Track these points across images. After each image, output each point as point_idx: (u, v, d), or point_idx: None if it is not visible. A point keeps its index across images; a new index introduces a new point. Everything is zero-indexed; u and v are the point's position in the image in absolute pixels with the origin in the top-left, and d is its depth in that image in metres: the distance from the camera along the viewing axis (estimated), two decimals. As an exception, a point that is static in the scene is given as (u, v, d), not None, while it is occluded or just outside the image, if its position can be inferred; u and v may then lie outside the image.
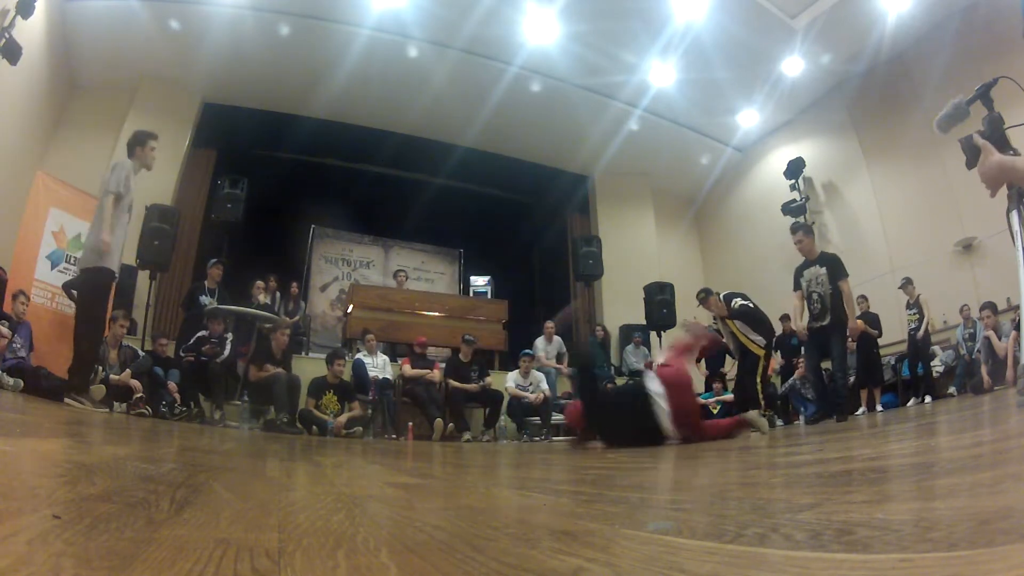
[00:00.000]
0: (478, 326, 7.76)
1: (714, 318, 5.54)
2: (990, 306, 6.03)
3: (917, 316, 6.80)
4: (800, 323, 5.51)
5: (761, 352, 5.12)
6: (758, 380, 5.14)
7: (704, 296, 5.40)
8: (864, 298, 7.09)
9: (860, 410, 6.28)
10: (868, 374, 6.70)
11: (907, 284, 6.97)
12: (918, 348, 6.75)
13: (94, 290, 4.24)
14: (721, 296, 5.29)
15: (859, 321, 5.20)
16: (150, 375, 5.37)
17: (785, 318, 7.79)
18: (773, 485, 1.33)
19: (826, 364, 5.51)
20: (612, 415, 3.87)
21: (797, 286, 5.48)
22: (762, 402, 5.46)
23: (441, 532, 0.77)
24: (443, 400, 6.41)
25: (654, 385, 3.68)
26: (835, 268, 5.21)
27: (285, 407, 5.54)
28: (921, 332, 6.71)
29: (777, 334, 7.72)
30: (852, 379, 6.37)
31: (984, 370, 5.95)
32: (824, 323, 5.20)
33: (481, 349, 7.40)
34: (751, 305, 5.20)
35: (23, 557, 0.49)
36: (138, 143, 4.34)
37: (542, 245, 11.71)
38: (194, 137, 8.83)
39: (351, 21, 7.82)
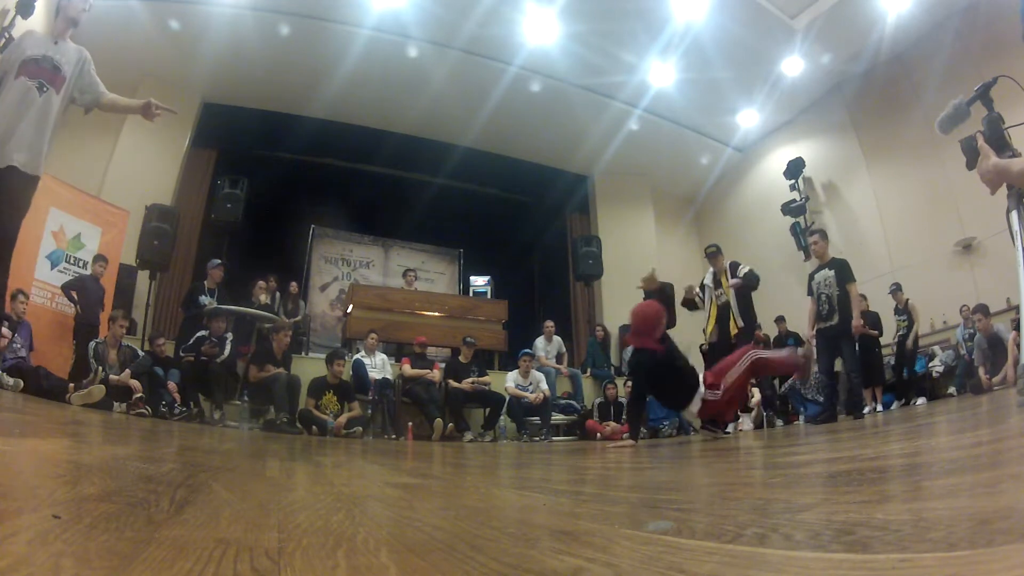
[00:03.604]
0: (478, 326, 7.76)
1: (705, 283, 5.76)
2: (982, 309, 6.02)
3: (906, 322, 6.82)
4: (811, 330, 5.58)
5: (734, 332, 5.34)
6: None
7: (715, 251, 5.65)
8: (863, 297, 7.09)
9: (867, 408, 6.28)
10: (869, 373, 6.71)
11: (896, 291, 6.97)
12: (904, 354, 6.77)
13: None
14: (728, 262, 5.56)
15: (860, 321, 5.30)
16: (150, 375, 5.37)
17: (780, 319, 7.80)
18: (773, 485, 1.33)
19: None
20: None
21: (810, 291, 5.58)
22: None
23: (441, 532, 0.77)
24: (443, 400, 6.41)
25: None
26: (843, 271, 5.35)
27: (285, 407, 5.54)
28: (910, 341, 6.74)
29: (773, 335, 7.73)
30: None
31: (981, 371, 5.95)
32: (832, 323, 5.30)
33: (481, 349, 7.40)
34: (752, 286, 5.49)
35: (23, 557, 0.49)
36: None
37: (542, 245, 11.70)
38: (194, 137, 8.82)
39: (351, 21, 7.82)
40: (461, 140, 9.87)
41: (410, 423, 6.12)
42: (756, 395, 6.17)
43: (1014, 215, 2.39)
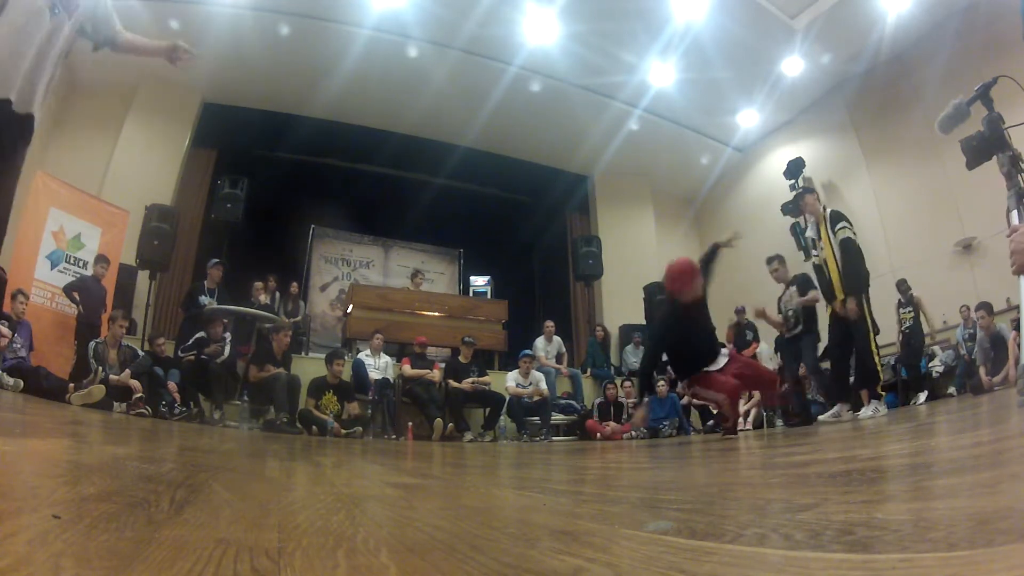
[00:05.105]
0: (478, 326, 7.76)
1: (808, 235, 5.01)
2: (985, 306, 6.01)
3: (911, 313, 6.79)
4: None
5: (840, 298, 4.54)
6: (873, 346, 4.49)
7: (802, 191, 5.04)
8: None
9: (867, 410, 6.24)
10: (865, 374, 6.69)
11: (905, 288, 6.95)
12: (911, 347, 6.74)
13: None
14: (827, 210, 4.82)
15: (814, 293, 5.17)
16: (150, 375, 5.37)
17: (740, 310, 7.78)
18: (773, 485, 1.33)
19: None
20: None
21: (779, 310, 5.68)
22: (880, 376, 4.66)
23: (441, 532, 0.77)
24: (443, 400, 6.41)
25: None
26: (804, 284, 5.45)
27: (285, 407, 5.54)
28: (927, 327, 6.71)
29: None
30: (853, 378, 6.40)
31: (982, 371, 5.95)
32: (796, 331, 5.43)
33: (481, 349, 7.40)
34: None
35: (23, 557, 0.49)
36: None
37: (542, 245, 11.70)
38: (194, 137, 8.82)
39: (351, 21, 7.82)
40: (461, 140, 9.87)
41: (410, 423, 6.12)
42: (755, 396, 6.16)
43: (1014, 215, 2.39)
